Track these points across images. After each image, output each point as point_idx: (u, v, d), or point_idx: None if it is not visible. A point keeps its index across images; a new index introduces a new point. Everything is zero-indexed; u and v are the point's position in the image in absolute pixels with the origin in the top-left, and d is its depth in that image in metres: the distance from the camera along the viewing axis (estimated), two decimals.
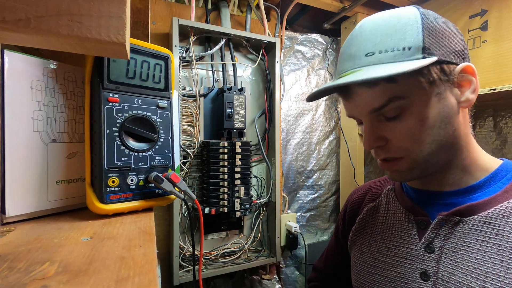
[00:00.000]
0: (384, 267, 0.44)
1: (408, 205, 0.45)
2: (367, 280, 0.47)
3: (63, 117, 0.40)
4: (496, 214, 0.36)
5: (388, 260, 0.44)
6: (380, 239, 0.47)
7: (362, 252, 0.49)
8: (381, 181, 0.55)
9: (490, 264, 0.34)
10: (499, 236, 0.35)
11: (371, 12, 1.21)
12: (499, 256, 0.34)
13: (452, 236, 0.38)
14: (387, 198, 0.50)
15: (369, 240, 0.49)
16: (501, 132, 1.07)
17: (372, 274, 0.46)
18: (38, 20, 0.21)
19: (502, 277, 0.33)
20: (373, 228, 0.50)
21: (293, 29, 1.28)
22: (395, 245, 0.44)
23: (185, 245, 0.90)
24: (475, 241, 0.36)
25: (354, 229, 0.53)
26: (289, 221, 1.14)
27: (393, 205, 0.48)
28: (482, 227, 0.36)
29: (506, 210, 0.36)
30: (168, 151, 0.45)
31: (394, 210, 0.47)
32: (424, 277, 0.39)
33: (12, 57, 0.34)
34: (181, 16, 0.92)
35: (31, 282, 0.22)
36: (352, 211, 0.56)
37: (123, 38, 0.23)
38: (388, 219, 0.47)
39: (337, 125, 1.36)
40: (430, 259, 0.39)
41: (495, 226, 0.35)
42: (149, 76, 0.43)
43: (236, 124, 0.92)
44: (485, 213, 0.37)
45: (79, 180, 0.42)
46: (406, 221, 0.44)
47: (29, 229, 0.33)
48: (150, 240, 0.31)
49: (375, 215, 0.50)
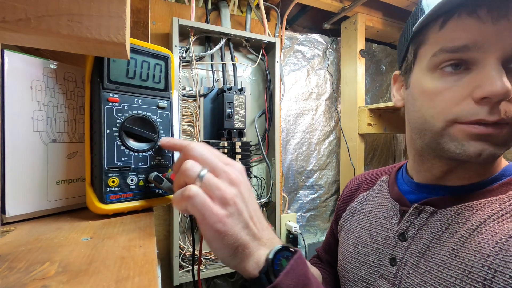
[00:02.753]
0: (364, 253, 0.45)
1: (396, 195, 0.45)
2: (349, 265, 0.47)
3: (63, 117, 0.40)
4: (469, 207, 0.35)
5: (368, 246, 0.45)
6: (365, 226, 0.47)
7: (348, 238, 0.50)
8: (378, 171, 0.56)
9: (451, 254, 0.34)
10: (464, 226, 0.34)
11: (371, 12, 1.21)
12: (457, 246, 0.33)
13: (425, 226, 0.38)
14: (379, 187, 0.50)
15: (355, 226, 0.50)
16: None
17: (353, 260, 0.46)
18: (38, 20, 0.21)
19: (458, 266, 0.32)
20: (361, 215, 0.50)
21: (293, 29, 1.28)
22: (377, 232, 0.44)
23: (185, 245, 0.90)
24: (443, 231, 0.36)
25: (344, 216, 0.54)
26: (289, 221, 1.14)
27: (383, 194, 0.48)
28: (454, 219, 0.36)
29: (479, 204, 0.35)
30: (168, 151, 0.45)
31: (383, 199, 0.47)
32: (392, 262, 0.39)
33: (12, 57, 0.34)
34: (181, 16, 0.92)
35: (31, 282, 0.22)
36: (346, 198, 0.57)
37: (123, 38, 0.23)
38: (376, 207, 0.48)
39: (337, 125, 1.36)
40: (401, 246, 0.39)
41: (464, 217, 0.35)
42: (149, 76, 0.43)
43: (236, 124, 0.92)
44: (459, 205, 0.36)
45: (79, 180, 0.42)
46: (391, 210, 0.44)
47: (29, 229, 0.33)
48: (150, 240, 0.31)
49: (366, 203, 0.51)
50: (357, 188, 0.56)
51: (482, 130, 0.31)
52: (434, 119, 0.34)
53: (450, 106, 0.32)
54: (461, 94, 0.32)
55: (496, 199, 0.35)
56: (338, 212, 0.58)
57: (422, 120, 0.36)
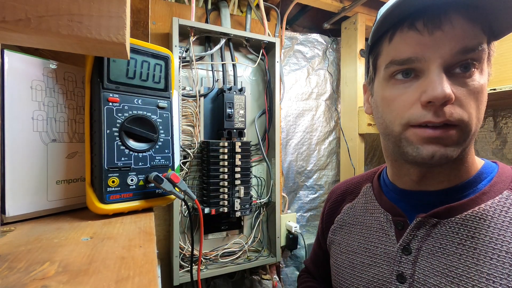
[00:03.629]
0: (361, 268, 0.44)
1: (386, 205, 0.44)
2: (345, 281, 0.46)
3: (63, 117, 0.40)
4: (473, 216, 0.35)
5: (365, 261, 0.44)
6: (358, 239, 0.46)
7: (341, 252, 0.49)
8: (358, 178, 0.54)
9: (464, 268, 0.34)
10: (474, 239, 0.34)
11: (371, 12, 1.21)
12: (473, 259, 0.33)
13: (429, 238, 0.37)
14: (365, 197, 0.49)
15: (347, 240, 0.48)
16: (501, 132, 1.07)
17: (350, 275, 0.46)
18: (38, 20, 0.21)
19: (476, 281, 0.32)
20: (351, 228, 0.49)
21: (293, 29, 1.28)
22: (373, 246, 0.43)
23: (185, 245, 0.90)
24: (451, 244, 0.35)
25: (333, 229, 0.53)
26: (289, 221, 1.14)
27: (372, 204, 0.47)
28: (459, 230, 0.35)
29: (483, 212, 0.35)
30: (168, 151, 0.45)
31: (373, 210, 0.46)
32: (401, 279, 0.38)
33: (12, 57, 0.34)
34: (181, 16, 0.92)
35: (31, 282, 0.22)
36: (331, 210, 0.55)
37: (123, 38, 0.24)
38: (366, 218, 0.47)
39: (337, 125, 1.36)
40: (407, 261, 0.38)
41: (471, 228, 0.35)
42: (149, 76, 0.43)
43: (236, 124, 0.92)
44: (462, 215, 0.36)
45: (79, 180, 0.42)
46: (384, 221, 0.43)
47: (29, 229, 0.33)
48: (150, 240, 0.31)
49: (353, 214, 0.50)
50: (341, 198, 0.55)
51: (431, 133, 0.33)
52: (393, 124, 0.37)
53: (403, 111, 0.35)
54: (411, 99, 0.35)
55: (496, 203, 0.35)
56: (325, 225, 0.56)
57: (384, 125, 0.39)
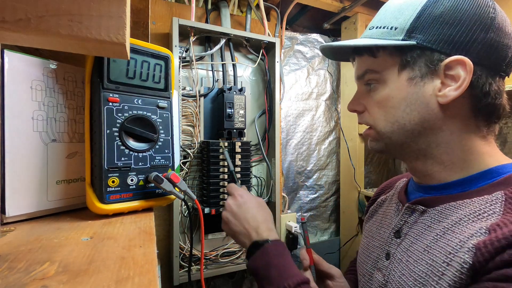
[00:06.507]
0: (372, 250, 0.48)
1: (401, 196, 0.48)
2: (360, 261, 0.51)
3: (63, 117, 0.40)
4: (452, 206, 0.37)
5: (375, 243, 0.48)
6: (376, 225, 0.51)
7: (365, 236, 0.54)
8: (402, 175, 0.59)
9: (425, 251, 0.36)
10: (441, 225, 0.36)
11: (371, 12, 1.21)
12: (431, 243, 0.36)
13: (416, 224, 0.40)
14: (395, 190, 0.54)
15: (370, 226, 0.53)
16: (501, 132, 1.07)
17: (364, 256, 0.50)
18: (38, 20, 0.21)
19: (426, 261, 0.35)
20: (376, 216, 0.54)
21: (293, 29, 1.28)
22: (383, 230, 0.48)
23: (185, 245, 0.90)
24: (426, 229, 0.38)
25: (366, 218, 0.58)
26: (289, 221, 1.14)
27: (395, 196, 0.51)
28: (436, 216, 0.38)
29: (462, 204, 0.36)
30: (168, 151, 0.45)
31: (393, 201, 0.50)
32: (387, 257, 0.43)
33: (12, 57, 0.34)
34: (181, 16, 0.92)
35: (31, 282, 0.22)
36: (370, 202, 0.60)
37: (123, 38, 0.23)
38: (387, 208, 0.51)
39: (337, 125, 1.36)
40: (395, 243, 0.42)
41: (444, 216, 0.37)
42: (149, 76, 0.43)
43: (236, 124, 0.92)
44: (444, 205, 0.38)
45: (79, 180, 0.42)
46: (396, 210, 0.47)
47: (29, 229, 0.33)
48: (150, 240, 0.31)
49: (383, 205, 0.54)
50: (381, 191, 0.60)
51: (364, 132, 0.45)
52: None
53: None
54: None
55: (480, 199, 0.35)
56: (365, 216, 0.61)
57: None
